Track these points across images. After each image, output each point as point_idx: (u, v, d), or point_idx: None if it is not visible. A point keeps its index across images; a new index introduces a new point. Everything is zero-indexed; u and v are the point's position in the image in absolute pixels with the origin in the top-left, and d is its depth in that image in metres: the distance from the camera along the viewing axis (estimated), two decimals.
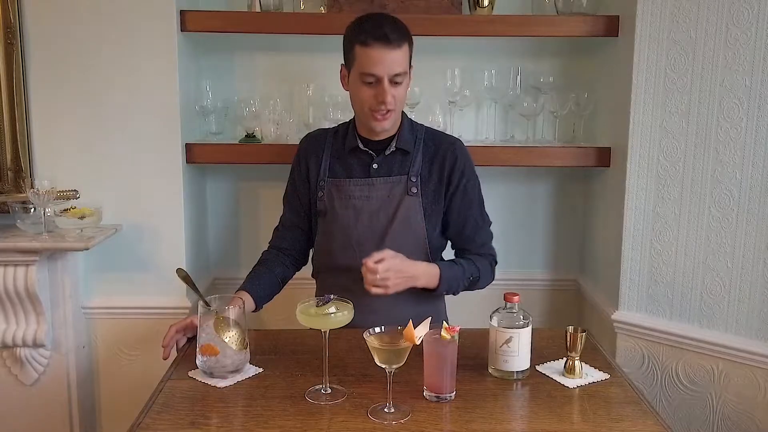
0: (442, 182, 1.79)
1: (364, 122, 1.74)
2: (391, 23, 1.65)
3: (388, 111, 1.68)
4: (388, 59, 1.62)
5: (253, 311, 1.75)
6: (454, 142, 1.83)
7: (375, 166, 1.77)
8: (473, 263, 1.81)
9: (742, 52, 1.84)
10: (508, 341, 1.46)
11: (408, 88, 1.73)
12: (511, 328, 1.46)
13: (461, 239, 1.85)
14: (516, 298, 1.48)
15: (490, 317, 1.50)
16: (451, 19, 2.20)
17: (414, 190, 1.76)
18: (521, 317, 1.48)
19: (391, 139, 1.78)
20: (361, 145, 1.78)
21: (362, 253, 1.74)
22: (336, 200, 1.78)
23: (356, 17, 1.71)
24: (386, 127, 1.73)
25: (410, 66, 1.72)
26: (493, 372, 1.50)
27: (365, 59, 1.63)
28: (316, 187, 1.81)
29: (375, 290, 1.61)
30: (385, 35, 1.61)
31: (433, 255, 1.82)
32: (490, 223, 1.88)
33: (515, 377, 1.48)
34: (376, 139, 1.78)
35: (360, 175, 1.78)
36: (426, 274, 1.72)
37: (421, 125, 1.86)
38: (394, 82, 1.65)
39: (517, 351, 1.47)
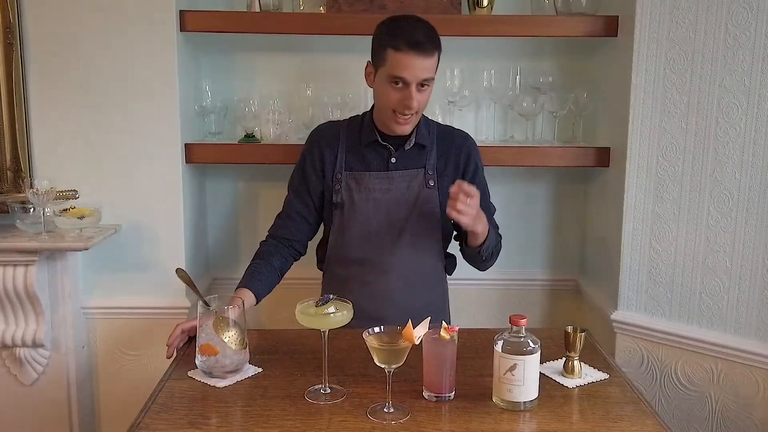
0: (457, 174, 1.82)
1: (385, 121, 1.76)
2: (424, 30, 1.67)
3: (411, 115, 1.71)
4: (419, 66, 1.64)
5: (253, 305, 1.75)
6: (467, 137, 1.89)
7: (393, 160, 1.80)
8: (496, 230, 1.85)
9: (741, 53, 1.84)
10: (512, 369, 1.33)
11: (431, 92, 1.74)
12: (517, 355, 1.33)
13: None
14: (523, 321, 1.35)
15: (494, 342, 1.37)
16: (450, 19, 2.20)
17: (431, 183, 1.80)
18: (529, 343, 1.34)
19: (409, 133, 1.80)
20: (380, 140, 1.80)
21: (379, 245, 1.79)
22: (355, 193, 1.80)
23: (389, 17, 1.72)
24: (407, 131, 1.77)
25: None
26: (497, 402, 1.37)
27: (396, 63, 1.64)
28: (332, 180, 1.82)
29: (463, 217, 1.58)
30: (420, 43, 1.63)
31: (445, 244, 1.88)
32: (494, 210, 1.91)
33: (522, 408, 1.35)
34: (395, 134, 1.80)
35: (379, 168, 1.81)
36: (483, 220, 1.71)
37: (433, 121, 1.91)
38: (421, 86, 1.67)
39: (522, 380, 1.33)
